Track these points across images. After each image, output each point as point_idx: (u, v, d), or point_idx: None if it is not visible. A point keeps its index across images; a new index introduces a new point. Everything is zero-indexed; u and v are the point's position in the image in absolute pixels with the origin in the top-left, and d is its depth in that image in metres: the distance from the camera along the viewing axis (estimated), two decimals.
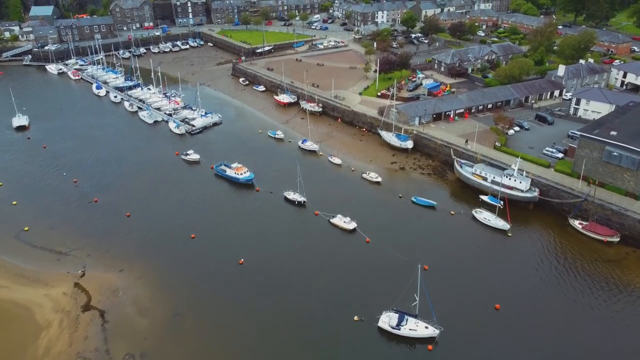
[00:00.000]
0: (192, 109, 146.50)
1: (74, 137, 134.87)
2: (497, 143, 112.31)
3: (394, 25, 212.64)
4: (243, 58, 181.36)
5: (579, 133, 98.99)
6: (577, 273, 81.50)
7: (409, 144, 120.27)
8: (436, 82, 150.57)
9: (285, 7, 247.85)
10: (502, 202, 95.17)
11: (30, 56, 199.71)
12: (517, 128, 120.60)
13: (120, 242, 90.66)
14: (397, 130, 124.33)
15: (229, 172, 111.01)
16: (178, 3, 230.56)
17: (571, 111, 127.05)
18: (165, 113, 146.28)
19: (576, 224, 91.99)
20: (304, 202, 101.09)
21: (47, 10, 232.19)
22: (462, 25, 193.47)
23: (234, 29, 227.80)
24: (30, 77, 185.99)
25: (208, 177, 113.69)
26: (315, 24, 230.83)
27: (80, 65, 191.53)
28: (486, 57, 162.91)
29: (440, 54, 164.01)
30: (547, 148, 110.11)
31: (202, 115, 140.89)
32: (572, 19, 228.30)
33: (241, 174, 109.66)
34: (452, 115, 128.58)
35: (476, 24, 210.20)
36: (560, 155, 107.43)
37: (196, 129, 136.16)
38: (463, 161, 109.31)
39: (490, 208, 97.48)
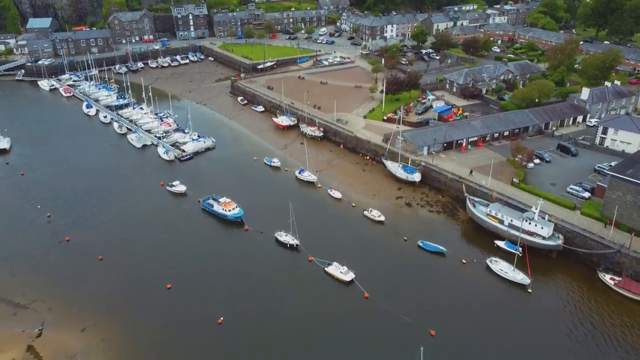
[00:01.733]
0: (184, 132, 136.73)
1: (57, 162, 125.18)
2: (514, 179, 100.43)
3: (403, 40, 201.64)
4: (242, 75, 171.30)
5: (609, 173, 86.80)
6: (613, 343, 69.36)
7: (416, 177, 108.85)
8: (447, 105, 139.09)
9: (291, 20, 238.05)
10: (520, 250, 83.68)
11: (23, 71, 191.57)
12: (537, 160, 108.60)
13: (87, 293, 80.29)
14: (404, 160, 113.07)
15: (216, 208, 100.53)
16: (179, 15, 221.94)
17: (597, 141, 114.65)
18: (155, 136, 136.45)
19: (607, 279, 79.97)
20: (297, 245, 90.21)
21: (45, 22, 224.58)
22: (476, 41, 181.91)
23: (236, 42, 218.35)
24: (20, 93, 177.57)
25: (194, 213, 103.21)
26: (321, 38, 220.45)
27: (74, 81, 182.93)
28: (502, 77, 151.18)
29: (453, 73, 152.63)
30: (571, 185, 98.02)
31: (193, 140, 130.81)
32: (593, 33, 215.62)
33: (229, 210, 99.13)
34: (464, 144, 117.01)
35: (491, 39, 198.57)
36: (586, 194, 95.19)
37: (186, 155, 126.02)
38: (477, 199, 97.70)
39: (507, 256, 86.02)
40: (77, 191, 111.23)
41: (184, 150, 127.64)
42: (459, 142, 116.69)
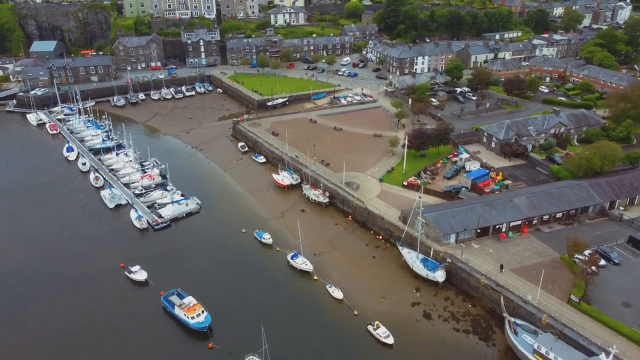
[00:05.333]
0: (166, 189, 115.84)
1: (11, 230, 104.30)
2: (572, 296, 74.28)
3: (435, 76, 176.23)
4: (245, 117, 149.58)
5: None
6: None
7: (440, 276, 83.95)
8: (483, 168, 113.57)
9: (312, 47, 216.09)
10: None
11: (15, 101, 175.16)
12: (601, 261, 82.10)
13: None
14: (425, 249, 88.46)
15: (178, 311, 78.36)
16: (189, 41, 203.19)
17: None
18: (133, 192, 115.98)
19: None
20: None
21: (49, 45, 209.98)
22: (520, 82, 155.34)
23: (248, 72, 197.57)
24: (5, 128, 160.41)
25: (151, 314, 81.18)
26: (343, 69, 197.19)
27: (65, 114, 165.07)
28: (552, 131, 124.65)
29: (492, 125, 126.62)
30: None
31: (174, 202, 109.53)
32: None
33: (192, 317, 76.74)
34: (504, 230, 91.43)
35: (538, 75, 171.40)
36: None
37: (162, 223, 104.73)
38: (519, 322, 72.21)
39: None
40: (19, 271, 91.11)
41: (160, 216, 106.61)
42: (497, 227, 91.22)
